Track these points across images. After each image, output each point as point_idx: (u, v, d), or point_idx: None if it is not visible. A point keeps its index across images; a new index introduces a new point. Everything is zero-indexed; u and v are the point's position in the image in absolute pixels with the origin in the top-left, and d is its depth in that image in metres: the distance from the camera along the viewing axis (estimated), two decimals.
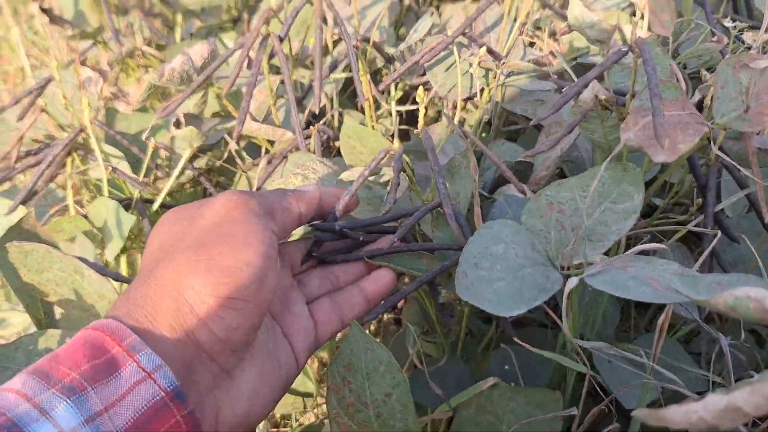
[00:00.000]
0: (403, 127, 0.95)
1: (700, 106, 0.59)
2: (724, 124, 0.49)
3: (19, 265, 0.44)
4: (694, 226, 0.56)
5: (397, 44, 0.96)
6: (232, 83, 0.63)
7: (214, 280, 0.36)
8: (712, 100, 0.52)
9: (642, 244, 0.59)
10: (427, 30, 0.85)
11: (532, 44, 1.00)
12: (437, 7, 1.24)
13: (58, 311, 0.54)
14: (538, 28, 1.05)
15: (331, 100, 0.83)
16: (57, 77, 0.74)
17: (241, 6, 1.10)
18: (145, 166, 0.76)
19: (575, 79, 0.83)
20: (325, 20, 0.85)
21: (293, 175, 0.67)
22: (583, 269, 0.45)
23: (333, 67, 0.73)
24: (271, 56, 0.73)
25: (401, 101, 0.93)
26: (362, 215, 0.60)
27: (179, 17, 1.00)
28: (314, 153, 0.72)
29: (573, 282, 0.43)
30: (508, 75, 0.83)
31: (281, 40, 0.65)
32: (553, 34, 1.06)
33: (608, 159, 0.46)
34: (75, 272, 0.42)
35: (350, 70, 0.77)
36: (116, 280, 0.47)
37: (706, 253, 0.51)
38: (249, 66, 0.83)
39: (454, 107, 0.97)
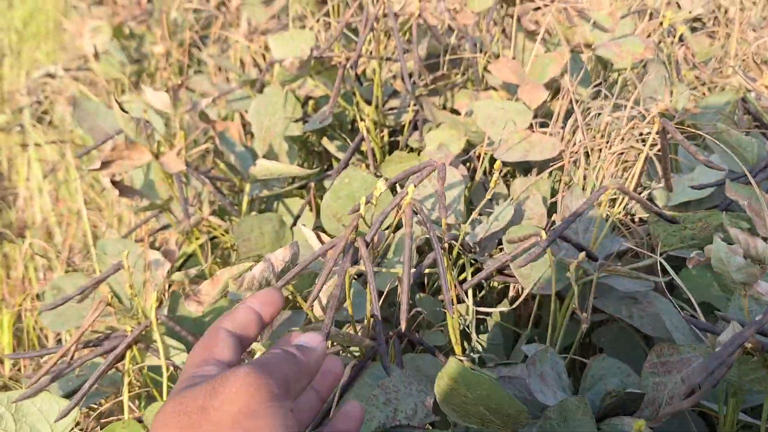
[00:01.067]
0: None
1: None
2: None
3: None
4: None
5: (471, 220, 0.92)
6: (315, 296, 0.58)
7: None
8: None
9: None
10: (509, 220, 0.81)
11: (619, 225, 0.95)
12: (502, 174, 1.21)
13: None
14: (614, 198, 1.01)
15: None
16: (126, 265, 0.70)
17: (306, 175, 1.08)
18: None
19: (673, 275, 0.76)
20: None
21: (374, 396, 0.61)
22: None
23: (418, 275, 0.69)
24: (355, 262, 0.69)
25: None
26: None
27: (247, 186, 0.99)
28: (395, 362, 0.66)
29: None
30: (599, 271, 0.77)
31: (367, 245, 0.60)
32: (636, 217, 1.01)
33: None
34: None
35: (433, 266, 0.72)
36: None
37: None
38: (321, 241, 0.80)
39: (533, 298, 0.90)
